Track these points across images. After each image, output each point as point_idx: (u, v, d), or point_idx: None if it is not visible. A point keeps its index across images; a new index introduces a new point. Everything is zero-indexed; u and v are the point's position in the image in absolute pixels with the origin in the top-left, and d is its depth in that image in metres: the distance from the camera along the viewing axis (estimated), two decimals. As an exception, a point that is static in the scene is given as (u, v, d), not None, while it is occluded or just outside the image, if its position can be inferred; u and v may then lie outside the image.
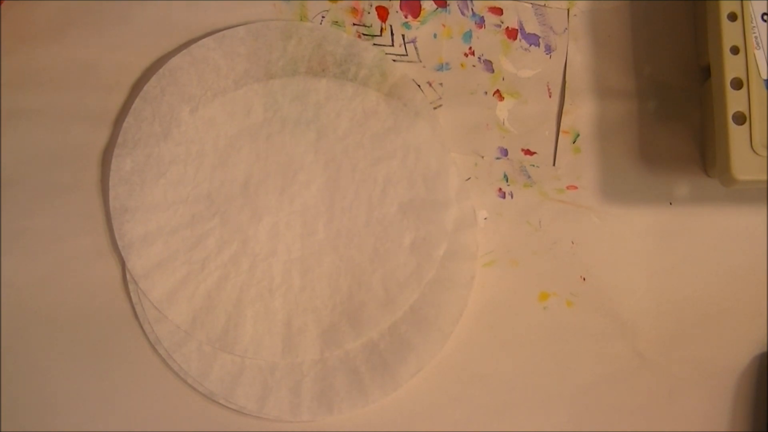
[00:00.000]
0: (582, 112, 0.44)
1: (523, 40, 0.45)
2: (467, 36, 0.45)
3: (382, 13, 0.45)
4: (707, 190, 0.44)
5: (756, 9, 0.40)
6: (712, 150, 0.42)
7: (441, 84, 0.45)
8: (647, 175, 0.44)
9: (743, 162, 0.39)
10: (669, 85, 0.45)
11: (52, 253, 0.43)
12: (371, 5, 0.45)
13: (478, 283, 0.43)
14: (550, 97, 0.45)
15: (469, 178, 0.44)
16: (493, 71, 0.45)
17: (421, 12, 0.45)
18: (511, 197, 0.44)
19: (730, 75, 0.39)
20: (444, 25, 0.45)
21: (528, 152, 0.44)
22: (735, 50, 0.39)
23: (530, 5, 0.45)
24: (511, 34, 0.45)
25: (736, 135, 0.39)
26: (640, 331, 0.43)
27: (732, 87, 0.39)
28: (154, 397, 0.43)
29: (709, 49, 0.41)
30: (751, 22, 0.40)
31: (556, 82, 0.45)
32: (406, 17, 0.45)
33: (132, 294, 0.43)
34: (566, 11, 0.45)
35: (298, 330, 0.42)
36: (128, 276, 0.43)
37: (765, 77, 0.40)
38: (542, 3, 0.45)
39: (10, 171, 0.44)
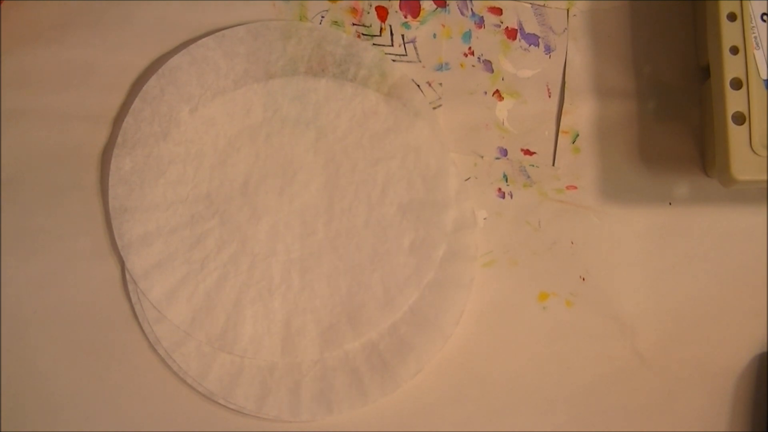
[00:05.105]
0: (581, 112, 0.44)
1: (522, 40, 0.45)
2: (467, 36, 0.45)
3: (382, 13, 0.45)
4: (707, 190, 0.44)
5: (755, 9, 0.40)
6: (711, 150, 0.42)
7: (440, 84, 0.45)
8: (647, 175, 0.44)
9: (743, 162, 0.39)
10: (669, 85, 0.44)
11: (52, 253, 0.43)
12: (371, 5, 0.45)
13: (478, 284, 0.43)
14: (549, 97, 0.45)
15: (468, 178, 0.44)
16: (492, 71, 0.45)
17: (421, 12, 0.45)
18: (511, 197, 0.44)
19: (729, 75, 0.39)
20: (443, 25, 0.45)
21: (527, 152, 0.44)
22: (734, 50, 0.39)
23: (530, 5, 0.45)
24: (511, 34, 0.45)
25: (736, 135, 0.39)
26: (640, 331, 0.43)
27: (731, 87, 0.39)
28: (153, 397, 0.43)
29: (708, 49, 0.41)
30: (751, 23, 0.40)
31: (556, 82, 0.45)
32: (405, 17, 0.45)
33: (131, 294, 0.43)
34: (566, 11, 0.45)
35: (298, 330, 0.42)
36: (127, 276, 0.43)
37: (764, 77, 0.40)
38: (542, 3, 0.45)
39: (10, 171, 0.44)
